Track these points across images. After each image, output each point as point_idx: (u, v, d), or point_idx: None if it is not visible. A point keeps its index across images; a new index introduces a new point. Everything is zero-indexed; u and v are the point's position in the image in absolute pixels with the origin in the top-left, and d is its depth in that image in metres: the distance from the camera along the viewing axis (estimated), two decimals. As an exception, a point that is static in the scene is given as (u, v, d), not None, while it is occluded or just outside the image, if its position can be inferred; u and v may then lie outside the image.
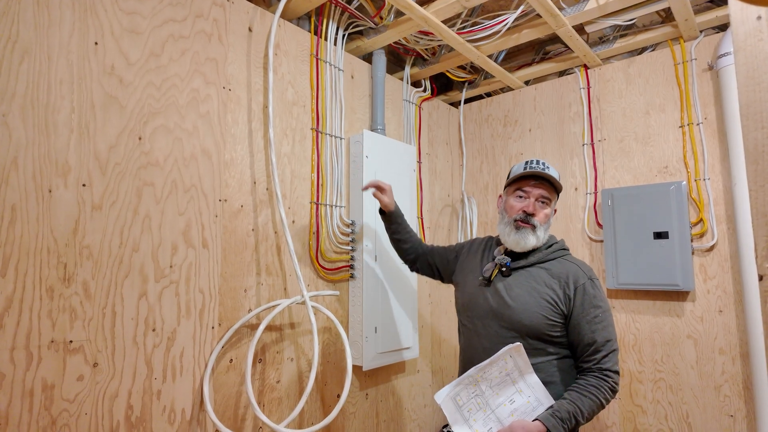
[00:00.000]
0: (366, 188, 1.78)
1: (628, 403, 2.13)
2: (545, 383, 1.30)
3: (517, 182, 1.46)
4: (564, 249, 1.44)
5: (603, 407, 1.24)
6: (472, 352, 1.43)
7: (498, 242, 1.57)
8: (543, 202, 1.42)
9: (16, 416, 1.11)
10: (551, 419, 1.18)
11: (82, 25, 1.29)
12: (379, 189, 1.74)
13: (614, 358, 1.28)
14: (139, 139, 1.39)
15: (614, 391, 1.26)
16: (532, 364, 1.31)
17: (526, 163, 1.45)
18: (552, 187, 1.43)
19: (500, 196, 1.56)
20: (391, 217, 1.79)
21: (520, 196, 1.44)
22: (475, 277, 1.51)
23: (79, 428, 1.21)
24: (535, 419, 1.20)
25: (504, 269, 1.42)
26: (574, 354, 1.35)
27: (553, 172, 1.42)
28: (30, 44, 1.19)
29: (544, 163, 1.44)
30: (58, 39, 1.24)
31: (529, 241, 1.39)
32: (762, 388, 1.75)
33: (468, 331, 1.48)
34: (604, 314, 1.31)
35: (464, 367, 1.45)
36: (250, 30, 1.73)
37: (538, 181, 1.42)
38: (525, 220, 1.40)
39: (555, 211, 1.49)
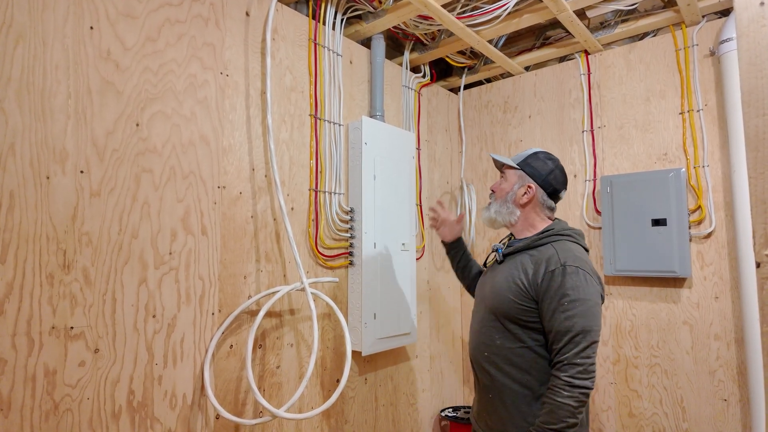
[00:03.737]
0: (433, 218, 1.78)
1: (624, 387, 2.16)
2: (521, 371, 1.29)
3: None
4: (558, 234, 1.37)
5: (575, 404, 1.16)
6: (470, 333, 1.51)
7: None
8: (502, 178, 1.54)
9: (18, 401, 1.13)
10: None
11: (77, 8, 1.27)
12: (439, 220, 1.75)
13: (575, 349, 1.18)
14: (137, 125, 1.38)
15: (572, 386, 1.16)
16: (510, 349, 1.32)
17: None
18: (509, 165, 1.51)
19: None
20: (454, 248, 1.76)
21: None
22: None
23: (82, 413, 1.23)
24: None
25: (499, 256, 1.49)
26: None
27: (506, 159, 1.51)
28: (24, 28, 1.18)
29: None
30: (53, 23, 1.23)
31: (482, 215, 1.55)
32: (756, 373, 1.77)
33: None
34: (571, 303, 1.21)
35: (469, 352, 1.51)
36: (247, 14, 1.70)
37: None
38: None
39: (530, 188, 1.42)
